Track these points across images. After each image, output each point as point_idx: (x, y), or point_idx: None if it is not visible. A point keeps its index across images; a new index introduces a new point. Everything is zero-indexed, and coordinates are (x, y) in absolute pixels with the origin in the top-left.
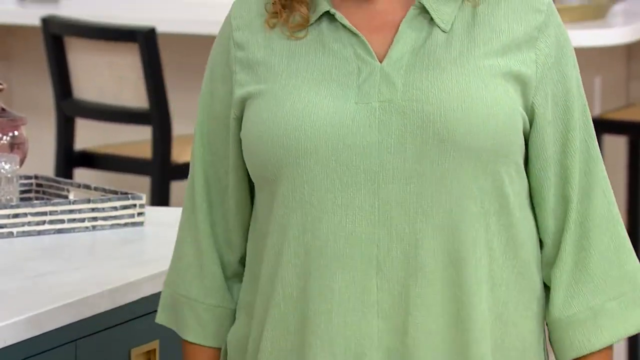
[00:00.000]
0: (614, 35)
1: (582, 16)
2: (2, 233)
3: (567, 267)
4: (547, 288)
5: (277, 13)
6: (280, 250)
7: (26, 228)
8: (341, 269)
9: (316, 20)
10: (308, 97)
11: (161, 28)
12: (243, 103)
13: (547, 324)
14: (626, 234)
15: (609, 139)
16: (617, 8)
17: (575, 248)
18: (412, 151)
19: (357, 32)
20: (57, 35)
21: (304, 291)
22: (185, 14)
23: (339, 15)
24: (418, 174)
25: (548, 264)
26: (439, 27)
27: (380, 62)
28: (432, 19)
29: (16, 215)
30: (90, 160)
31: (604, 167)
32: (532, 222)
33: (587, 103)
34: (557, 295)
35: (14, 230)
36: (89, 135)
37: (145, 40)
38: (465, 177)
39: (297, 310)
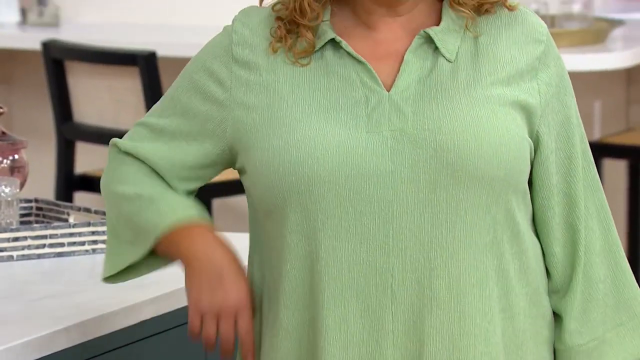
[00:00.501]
0: (614, 59)
1: (582, 40)
2: (2, 257)
3: (577, 296)
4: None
5: (282, 38)
6: (295, 278)
7: (26, 252)
8: (355, 298)
9: (320, 48)
10: (318, 124)
11: (161, 52)
12: (244, 127)
13: (555, 350)
14: (626, 262)
15: (609, 163)
16: (617, 32)
17: (583, 277)
18: (425, 180)
19: (363, 59)
20: (57, 59)
21: (317, 320)
22: (185, 37)
23: (344, 43)
24: (432, 204)
25: (555, 292)
26: (444, 57)
27: (387, 91)
28: (436, 48)
29: (16, 239)
30: (91, 183)
31: (603, 195)
32: (538, 248)
33: (584, 131)
34: (570, 324)
35: (14, 254)
36: (90, 159)
37: (145, 64)
38: (479, 207)
39: (310, 340)
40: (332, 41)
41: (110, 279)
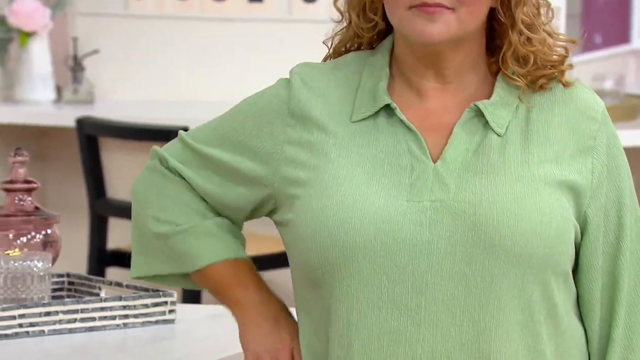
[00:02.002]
0: None
1: (614, 117)
2: (34, 331)
3: None
4: None
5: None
6: (326, 342)
7: (57, 326)
8: None
9: (374, 113)
10: (359, 190)
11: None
12: (289, 183)
13: None
14: None
15: None
16: None
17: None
18: (462, 253)
19: (414, 128)
20: (91, 136)
21: None
22: (216, 113)
23: (398, 110)
24: (466, 277)
25: None
26: (494, 131)
27: (434, 162)
28: (487, 122)
29: (47, 314)
30: (123, 259)
31: None
32: (580, 331)
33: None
34: None
35: (45, 328)
36: (122, 235)
37: None
38: (515, 284)
39: None
40: (387, 107)
41: (139, 278)
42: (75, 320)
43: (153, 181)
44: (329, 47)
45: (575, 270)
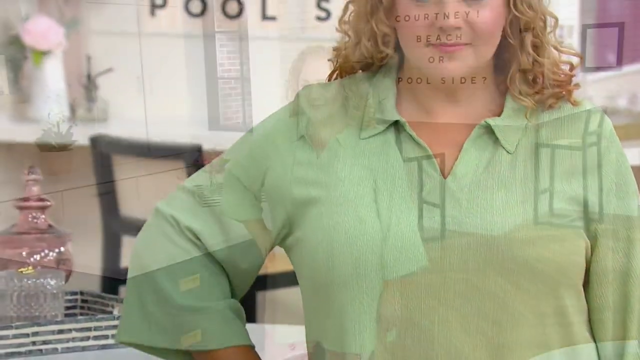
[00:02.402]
0: None
1: (628, 135)
2: (47, 349)
3: None
4: None
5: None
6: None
7: (70, 344)
8: None
9: (383, 130)
10: (370, 207)
11: (207, 145)
12: (301, 204)
13: None
14: None
15: None
16: None
17: None
18: (474, 269)
19: (424, 144)
20: (105, 154)
21: None
22: (229, 130)
23: (407, 126)
24: (480, 293)
25: None
26: (504, 148)
27: (444, 177)
28: (496, 139)
29: (61, 332)
30: None
31: None
32: (593, 346)
33: None
34: None
35: (59, 346)
36: None
37: (191, 158)
38: (527, 299)
39: None
40: (396, 123)
41: (127, 344)
42: (88, 338)
43: (162, 247)
44: (335, 64)
45: (586, 286)
